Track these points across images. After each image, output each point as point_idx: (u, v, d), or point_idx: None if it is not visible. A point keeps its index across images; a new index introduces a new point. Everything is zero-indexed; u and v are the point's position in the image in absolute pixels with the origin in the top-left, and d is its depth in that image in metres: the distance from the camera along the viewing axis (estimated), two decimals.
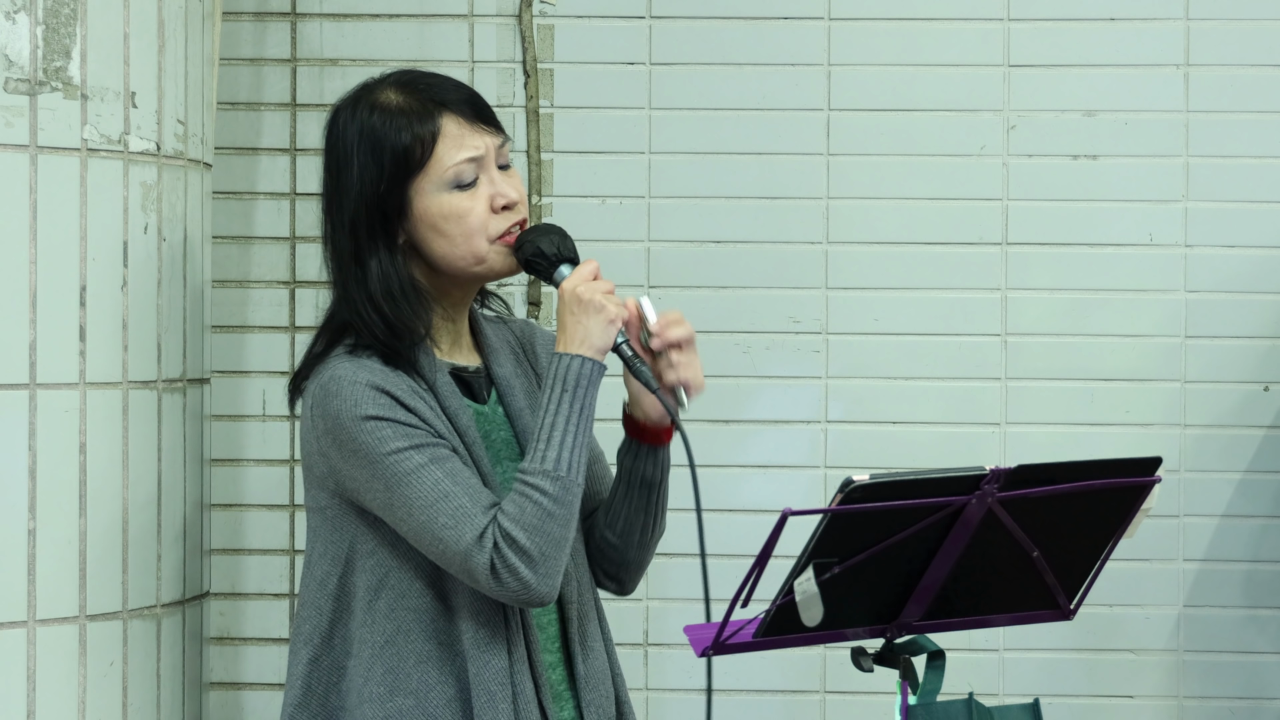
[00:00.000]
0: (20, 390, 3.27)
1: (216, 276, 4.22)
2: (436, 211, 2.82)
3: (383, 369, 2.79)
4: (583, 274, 2.79)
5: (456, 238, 2.82)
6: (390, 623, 2.80)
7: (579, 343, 2.76)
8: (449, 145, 2.81)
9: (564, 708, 2.89)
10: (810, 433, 4.27)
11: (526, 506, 2.71)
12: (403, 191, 2.81)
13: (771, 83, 4.28)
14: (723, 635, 2.62)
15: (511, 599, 2.73)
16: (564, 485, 2.72)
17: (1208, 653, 4.26)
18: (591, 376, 2.75)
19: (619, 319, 2.77)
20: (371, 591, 2.81)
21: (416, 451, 2.74)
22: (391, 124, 2.81)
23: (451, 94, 2.85)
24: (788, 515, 2.50)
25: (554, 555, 2.71)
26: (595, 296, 2.76)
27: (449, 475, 2.74)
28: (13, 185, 3.27)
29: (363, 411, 2.74)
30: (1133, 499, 2.69)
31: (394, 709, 2.78)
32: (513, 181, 2.86)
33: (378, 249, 2.83)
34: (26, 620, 3.27)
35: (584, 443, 2.75)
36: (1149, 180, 4.26)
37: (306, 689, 2.85)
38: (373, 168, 2.82)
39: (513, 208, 2.84)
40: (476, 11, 4.31)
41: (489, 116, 2.86)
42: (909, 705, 2.68)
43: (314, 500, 2.86)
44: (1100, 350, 4.27)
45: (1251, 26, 4.26)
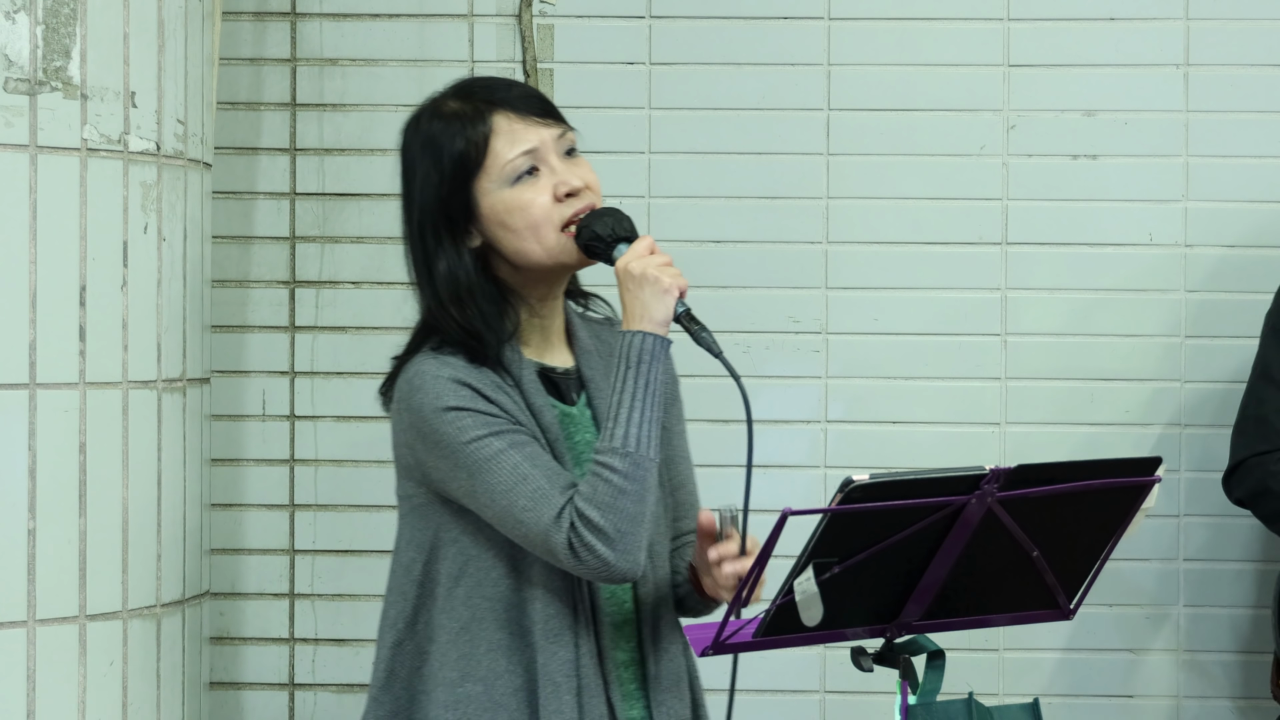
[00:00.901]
0: (20, 390, 3.27)
1: (216, 276, 4.22)
2: (501, 208, 2.85)
3: (466, 365, 2.83)
4: (637, 250, 2.80)
5: (523, 230, 2.84)
6: (467, 610, 2.83)
7: (639, 318, 2.77)
8: (503, 142, 2.86)
9: (633, 706, 2.89)
10: (810, 432, 4.27)
11: (599, 485, 2.73)
12: (467, 193, 2.87)
13: (771, 83, 4.28)
14: (723, 635, 2.62)
15: (594, 576, 2.76)
16: (634, 461, 2.73)
17: (1208, 653, 4.26)
18: (654, 351, 2.76)
19: (674, 288, 2.76)
20: (452, 579, 2.85)
21: (495, 438, 2.78)
22: (448, 129, 2.88)
23: (503, 93, 2.90)
24: (788, 515, 2.50)
25: (630, 531, 2.73)
26: (648, 270, 2.77)
27: (528, 459, 2.77)
28: (13, 185, 3.27)
29: (443, 403, 2.79)
30: (1133, 499, 2.69)
31: (463, 694, 2.82)
32: (579, 169, 2.88)
33: (444, 252, 2.88)
34: (26, 620, 3.27)
35: (653, 417, 2.76)
36: (1149, 180, 4.26)
37: (390, 673, 2.89)
38: (434, 174, 2.89)
39: (577, 194, 2.86)
40: (476, 11, 4.31)
41: (545, 109, 2.90)
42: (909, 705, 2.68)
43: (402, 490, 2.93)
44: (1100, 350, 4.27)
45: (1251, 26, 4.26)
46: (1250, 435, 3.82)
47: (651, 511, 2.77)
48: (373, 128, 4.30)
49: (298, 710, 4.30)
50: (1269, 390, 3.82)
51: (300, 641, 4.30)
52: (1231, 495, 3.87)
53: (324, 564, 4.30)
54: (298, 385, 4.31)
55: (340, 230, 4.30)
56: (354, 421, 4.30)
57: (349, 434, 4.29)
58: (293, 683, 4.31)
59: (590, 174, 2.89)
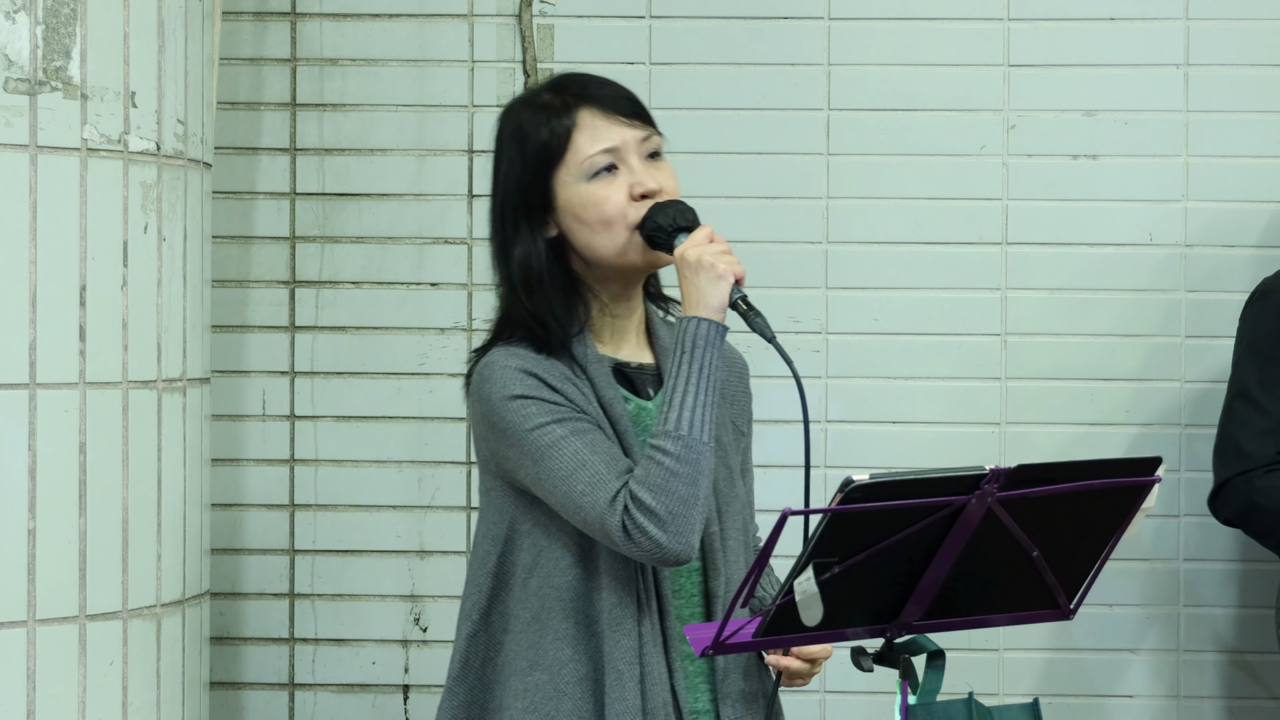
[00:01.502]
0: (20, 390, 3.27)
1: (216, 276, 4.22)
2: (577, 201, 2.89)
3: (534, 355, 2.88)
4: (695, 239, 2.84)
5: (596, 225, 2.88)
6: (537, 600, 2.87)
7: (695, 304, 2.81)
8: (585, 137, 2.90)
9: (698, 698, 2.92)
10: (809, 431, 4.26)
11: (651, 468, 2.77)
12: (546, 184, 2.90)
13: (771, 83, 4.28)
14: (723, 635, 2.62)
15: (648, 558, 2.79)
16: (686, 444, 2.76)
17: (1208, 652, 4.26)
18: (709, 337, 2.80)
19: (729, 274, 2.80)
20: (526, 570, 2.89)
21: (558, 425, 2.82)
22: (535, 119, 2.92)
23: (594, 90, 2.94)
24: (787, 515, 2.50)
25: (682, 514, 2.76)
26: (704, 256, 2.80)
27: (588, 445, 2.81)
28: (13, 185, 3.27)
29: (509, 392, 2.84)
30: (1133, 499, 2.69)
31: (531, 683, 2.86)
32: (659, 173, 2.92)
33: (521, 239, 2.92)
34: (26, 620, 3.27)
35: (708, 401, 2.79)
36: (1149, 180, 4.26)
37: (465, 663, 2.93)
38: (518, 162, 2.92)
39: (653, 196, 2.89)
40: (476, 11, 4.31)
41: (632, 110, 2.94)
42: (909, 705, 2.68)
43: (482, 483, 2.96)
44: (1100, 350, 4.27)
45: (1251, 26, 4.26)
46: (1230, 456, 3.81)
47: (705, 495, 2.80)
48: (373, 128, 4.30)
49: (298, 710, 4.30)
50: (1247, 409, 3.81)
51: (300, 641, 4.31)
52: (1219, 516, 3.86)
53: (324, 564, 4.30)
54: (298, 385, 4.31)
55: (340, 230, 4.31)
56: (354, 421, 4.30)
57: (349, 434, 4.30)
58: (293, 683, 4.31)
59: (669, 179, 2.93)
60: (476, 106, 4.30)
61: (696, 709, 2.91)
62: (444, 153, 4.30)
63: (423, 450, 4.29)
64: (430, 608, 4.29)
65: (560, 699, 2.85)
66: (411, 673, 4.29)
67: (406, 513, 4.30)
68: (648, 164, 2.92)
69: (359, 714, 4.30)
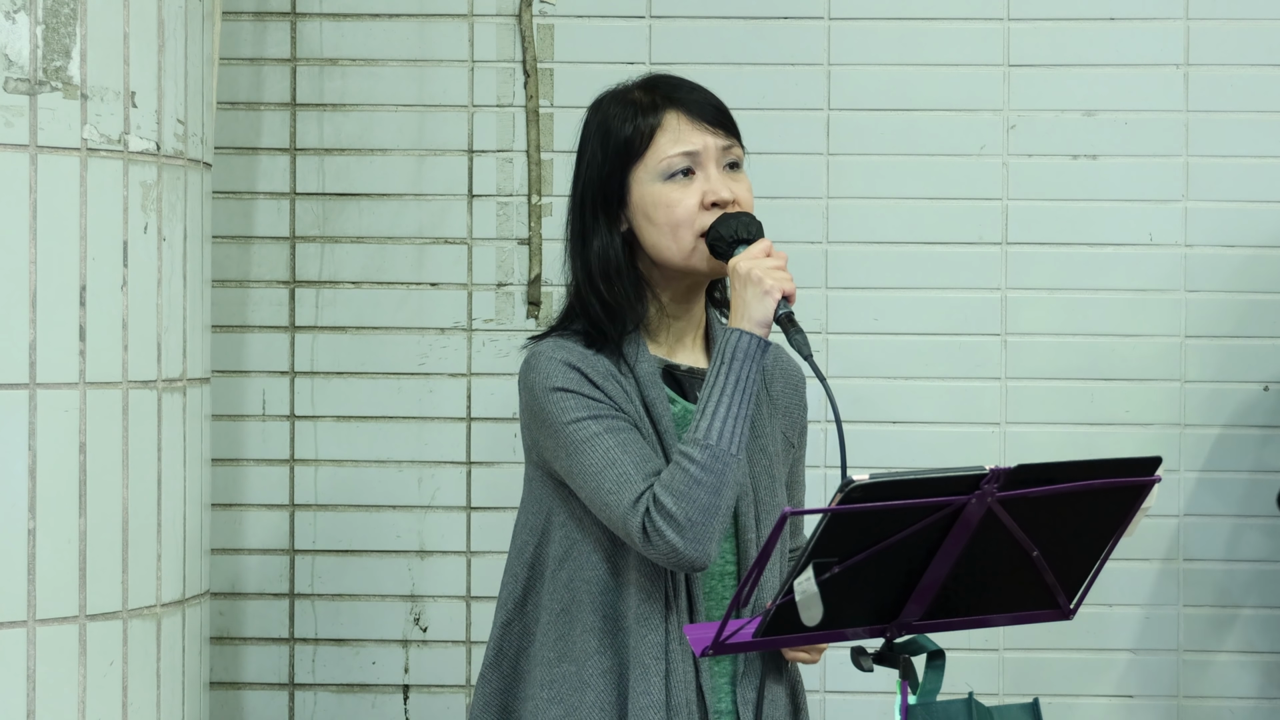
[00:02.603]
0: (20, 390, 3.27)
1: (216, 276, 4.22)
2: (650, 200, 2.91)
3: (583, 351, 2.90)
4: (752, 251, 2.85)
5: (664, 227, 2.90)
6: (568, 592, 2.90)
7: (740, 316, 2.82)
8: (667, 138, 2.92)
9: (721, 699, 2.94)
10: (810, 432, 4.25)
11: (676, 473, 2.79)
12: (624, 178, 2.93)
13: (771, 83, 4.28)
14: (722, 635, 2.62)
15: (665, 562, 2.81)
16: (713, 454, 2.78)
17: (1208, 652, 4.26)
18: (749, 350, 2.81)
19: (776, 290, 2.81)
20: (557, 562, 2.91)
21: (594, 421, 2.85)
22: (622, 114, 2.94)
23: (683, 93, 2.96)
24: (787, 515, 2.50)
25: (701, 521, 2.78)
26: (754, 270, 2.82)
27: (620, 444, 2.84)
28: (13, 185, 3.27)
29: (552, 383, 2.87)
30: (1132, 499, 2.69)
31: (559, 674, 2.89)
32: (735, 184, 2.94)
33: (600, 230, 2.94)
34: (26, 620, 3.27)
35: (741, 414, 2.80)
36: (1149, 180, 4.26)
37: (499, 651, 2.96)
38: (600, 153, 2.95)
39: (724, 205, 2.91)
40: (476, 11, 4.31)
41: (718, 119, 2.95)
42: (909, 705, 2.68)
43: (526, 471, 2.99)
44: (1100, 350, 4.27)
45: (1251, 26, 4.26)
46: None
47: (728, 505, 2.81)
48: (373, 128, 4.30)
49: (298, 710, 4.30)
50: None
51: (300, 641, 4.31)
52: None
53: (324, 564, 4.30)
54: (298, 385, 4.31)
55: (340, 230, 4.31)
56: (354, 421, 4.30)
57: (349, 434, 4.30)
58: (293, 683, 4.31)
59: (745, 191, 2.96)
60: (476, 106, 4.30)
61: (720, 709, 2.92)
62: (444, 153, 4.30)
63: (423, 450, 4.29)
64: (430, 608, 4.29)
65: (584, 690, 2.87)
66: (411, 673, 4.29)
67: (406, 513, 4.30)
68: (725, 173, 2.94)
69: (359, 714, 4.30)
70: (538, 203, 4.28)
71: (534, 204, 4.28)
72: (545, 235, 4.28)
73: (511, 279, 4.28)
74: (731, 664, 2.94)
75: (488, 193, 4.31)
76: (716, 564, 2.93)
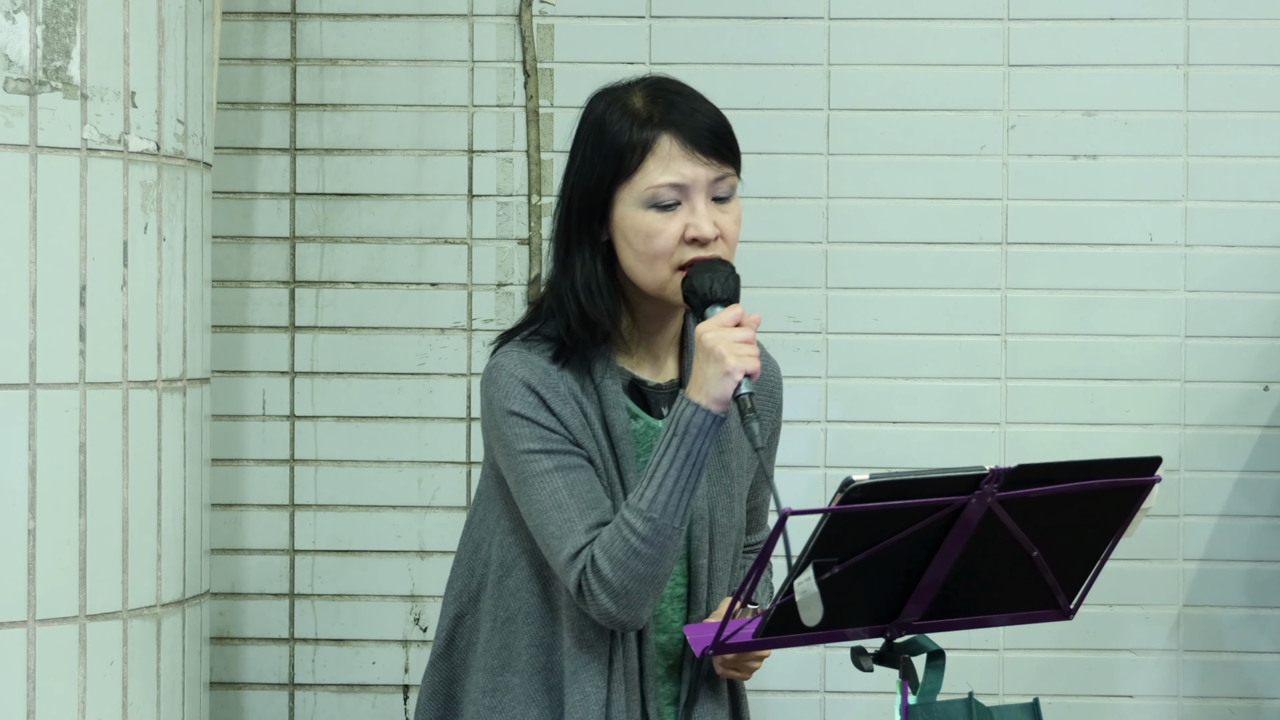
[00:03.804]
0: (20, 390, 3.27)
1: (216, 276, 4.22)
2: (630, 224, 2.83)
3: (545, 366, 2.84)
4: (721, 318, 2.76)
5: (643, 255, 2.82)
6: (515, 601, 2.87)
7: (697, 389, 2.74)
8: (656, 164, 2.83)
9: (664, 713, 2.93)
10: (810, 432, 4.27)
11: (617, 540, 2.75)
12: (610, 194, 2.84)
13: (771, 83, 4.28)
14: (722, 635, 2.62)
15: (598, 619, 2.79)
16: (655, 527, 2.73)
17: (1208, 652, 4.26)
18: (702, 426, 2.73)
19: (738, 371, 2.71)
20: (503, 568, 2.89)
21: (546, 457, 2.79)
22: (618, 124, 2.85)
23: (683, 115, 2.86)
24: (787, 515, 2.49)
25: (637, 590, 2.75)
26: (718, 345, 2.72)
27: (568, 486, 2.79)
28: (13, 185, 3.27)
29: (509, 405, 2.82)
30: (1133, 499, 2.69)
31: (502, 683, 2.87)
32: (722, 216, 2.84)
33: (583, 241, 2.87)
34: (26, 620, 3.27)
35: (689, 488, 2.74)
36: (1149, 180, 4.26)
37: (450, 641, 2.94)
38: (590, 162, 2.86)
39: (705, 244, 2.81)
40: (476, 11, 4.31)
41: (715, 148, 2.85)
42: (909, 705, 2.68)
43: (485, 466, 2.95)
44: (1100, 350, 4.27)
45: (1251, 26, 4.26)
46: None
47: (667, 573, 2.77)
48: (373, 128, 4.30)
49: (298, 710, 4.30)
50: None
51: (300, 641, 4.31)
52: None
53: (324, 564, 4.30)
54: (298, 385, 4.31)
55: (340, 230, 4.31)
56: (354, 421, 4.30)
57: (349, 434, 4.30)
58: (293, 683, 4.31)
59: (731, 224, 2.85)
60: (476, 106, 4.30)
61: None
62: (444, 153, 4.30)
63: (423, 450, 4.29)
64: (430, 608, 4.28)
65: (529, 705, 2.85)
66: (411, 673, 4.29)
67: (406, 513, 4.30)
68: (713, 206, 2.83)
69: (359, 714, 4.30)
70: (538, 203, 4.28)
71: (534, 204, 4.28)
72: (545, 235, 4.28)
73: (511, 279, 4.28)
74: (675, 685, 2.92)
75: (488, 193, 4.30)
76: (667, 587, 2.89)
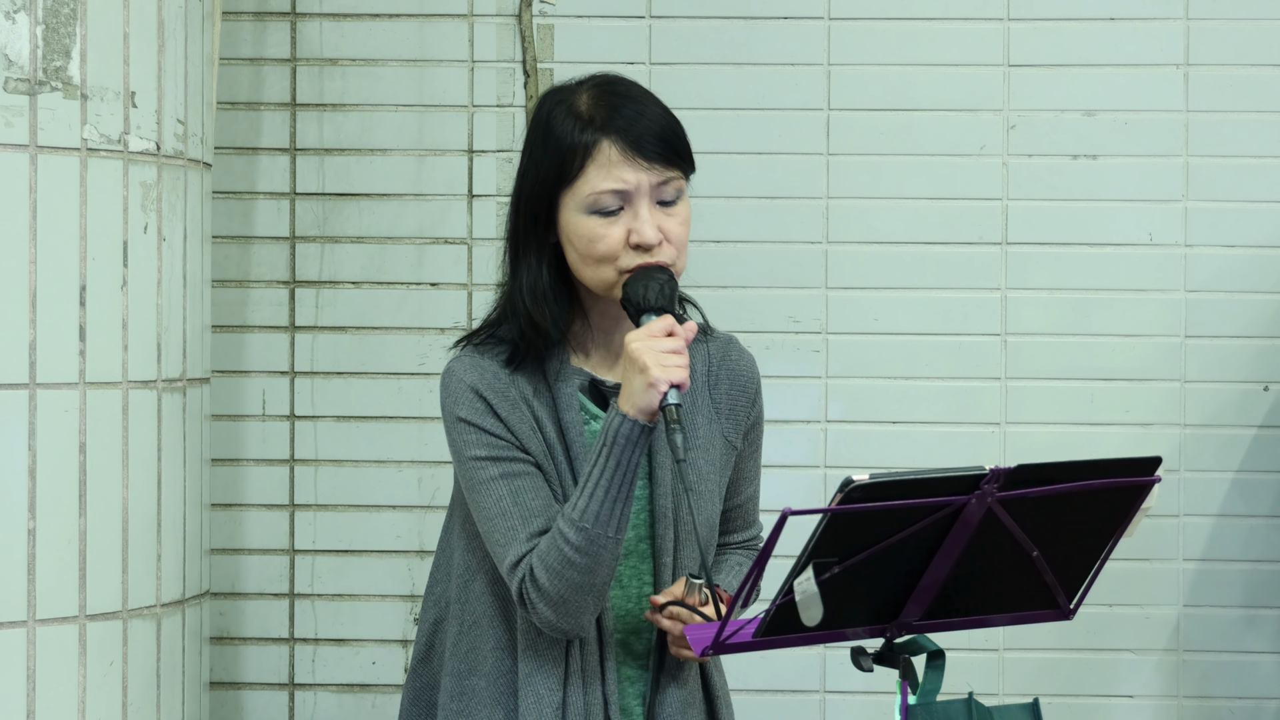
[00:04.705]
0: (20, 390, 3.27)
1: (216, 276, 4.22)
2: (573, 229, 2.80)
3: (496, 370, 2.82)
4: (649, 329, 2.73)
5: (587, 259, 2.80)
6: (480, 604, 2.87)
7: (626, 399, 2.73)
8: (597, 170, 2.79)
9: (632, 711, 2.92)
10: (810, 432, 4.27)
11: (552, 550, 2.75)
12: (554, 197, 2.81)
13: (771, 83, 4.28)
14: (722, 635, 2.62)
15: (541, 627, 2.80)
16: (589, 537, 2.73)
17: (1208, 653, 4.26)
18: (630, 436, 2.72)
19: (662, 383, 2.69)
20: (469, 572, 2.89)
21: (493, 464, 2.79)
22: (563, 128, 2.81)
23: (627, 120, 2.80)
24: (788, 515, 2.49)
25: (573, 599, 2.75)
26: (643, 356, 2.70)
27: (512, 494, 2.79)
28: (13, 185, 3.27)
29: (458, 412, 2.81)
30: (1132, 499, 2.69)
31: (469, 687, 2.86)
32: (667, 220, 2.81)
33: (531, 242, 2.84)
34: (26, 620, 3.27)
35: (620, 497, 2.73)
36: (1149, 180, 4.26)
37: (429, 647, 2.94)
38: (535, 165, 2.83)
39: (649, 249, 2.79)
40: (476, 11, 4.31)
41: (660, 153, 2.81)
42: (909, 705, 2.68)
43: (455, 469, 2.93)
44: (1100, 350, 4.27)
45: (1251, 26, 4.26)
46: None
47: (604, 581, 2.76)
48: (373, 128, 4.30)
49: (298, 710, 4.30)
50: None
51: (300, 641, 4.31)
52: None
53: (324, 564, 4.30)
54: (298, 385, 4.31)
55: (340, 230, 4.31)
56: (354, 421, 4.30)
57: (349, 434, 4.30)
58: (293, 683, 4.31)
59: (677, 227, 2.82)
60: (476, 106, 4.30)
61: None
62: (444, 153, 4.30)
63: (423, 450, 4.29)
64: None
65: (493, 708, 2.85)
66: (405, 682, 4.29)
67: (406, 513, 4.30)
68: (657, 210, 2.80)
69: (359, 714, 4.30)
70: None
71: None
72: None
73: None
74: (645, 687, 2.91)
75: (488, 193, 4.30)
76: (633, 587, 2.89)
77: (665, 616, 2.82)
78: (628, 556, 2.87)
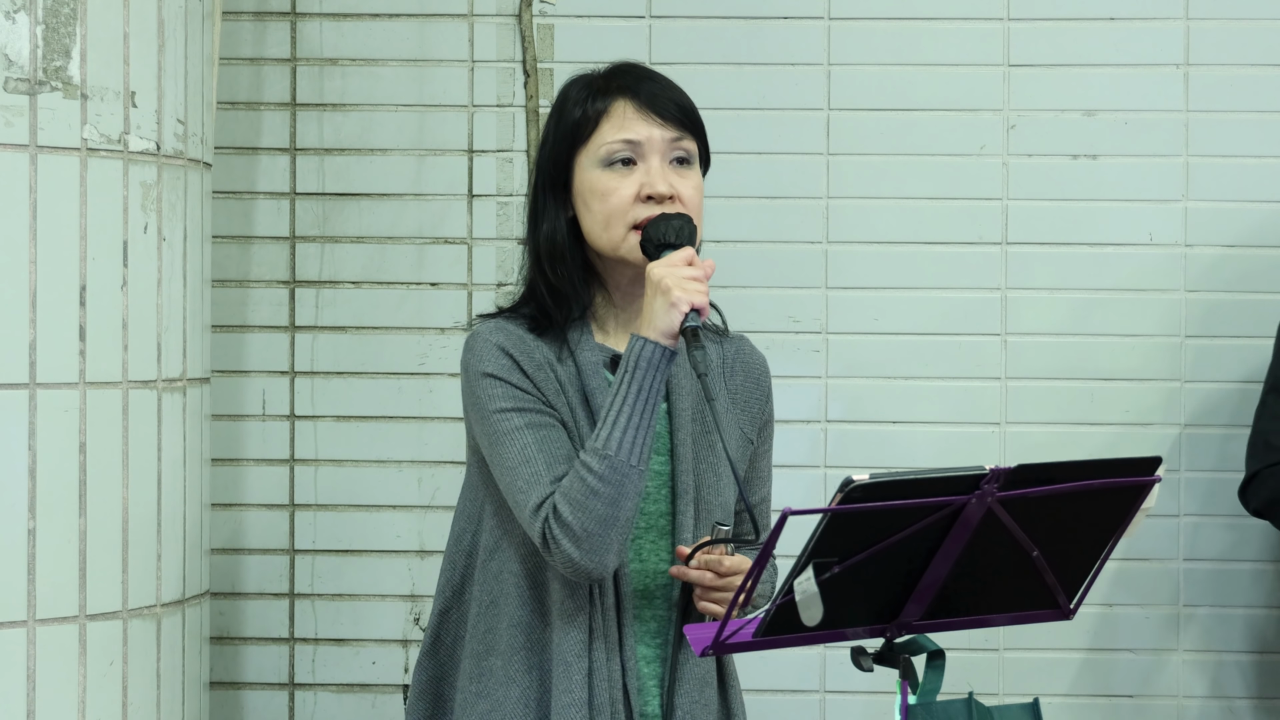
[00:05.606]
0: (20, 390, 3.27)
1: (216, 276, 4.22)
2: (588, 186, 2.88)
3: (522, 335, 2.88)
4: (672, 259, 2.79)
5: (599, 215, 2.86)
6: (497, 585, 2.88)
7: (647, 324, 2.78)
8: (611, 124, 2.88)
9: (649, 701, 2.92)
10: (810, 432, 4.27)
11: (575, 483, 2.76)
12: (569, 161, 2.90)
13: (771, 83, 4.28)
14: (722, 634, 2.62)
15: (563, 570, 2.79)
16: (612, 465, 2.74)
17: (1208, 652, 4.26)
18: (652, 359, 2.76)
19: (684, 301, 2.75)
20: (488, 553, 2.90)
21: (518, 414, 2.82)
22: (577, 96, 2.91)
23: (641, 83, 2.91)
24: (788, 515, 2.49)
25: (598, 533, 2.75)
26: (665, 279, 2.76)
27: (538, 441, 2.81)
28: (13, 185, 3.27)
29: (484, 368, 2.84)
30: (1132, 499, 2.69)
31: (486, 668, 2.87)
32: (679, 179, 2.88)
33: (549, 213, 2.91)
34: (26, 620, 3.27)
35: (643, 424, 2.75)
36: (1149, 180, 4.26)
37: (436, 638, 2.96)
38: (553, 135, 2.92)
39: (661, 200, 2.85)
40: (476, 11, 4.31)
41: (671, 112, 2.90)
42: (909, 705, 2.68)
43: (467, 457, 2.97)
44: (1100, 350, 4.27)
45: (1251, 26, 4.26)
46: (1260, 448, 3.85)
47: (628, 516, 2.77)
48: (373, 128, 4.30)
49: (298, 710, 4.30)
50: (1278, 403, 3.84)
51: (300, 641, 4.31)
52: (1249, 507, 3.89)
53: (324, 564, 4.30)
54: (298, 385, 4.31)
55: (340, 230, 4.31)
56: (354, 421, 4.30)
57: (349, 434, 4.30)
58: (293, 683, 4.31)
59: (689, 188, 2.88)
60: (476, 106, 4.30)
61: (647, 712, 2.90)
62: (444, 153, 4.30)
63: (423, 450, 4.29)
64: (430, 608, 4.29)
65: (509, 685, 2.86)
66: (411, 673, 4.29)
67: (406, 513, 4.30)
68: (670, 168, 2.88)
69: (359, 714, 4.30)
70: None
71: None
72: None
73: (511, 279, 4.28)
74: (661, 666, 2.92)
75: (488, 193, 4.30)
76: (651, 562, 2.90)
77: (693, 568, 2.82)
78: (647, 531, 2.89)
